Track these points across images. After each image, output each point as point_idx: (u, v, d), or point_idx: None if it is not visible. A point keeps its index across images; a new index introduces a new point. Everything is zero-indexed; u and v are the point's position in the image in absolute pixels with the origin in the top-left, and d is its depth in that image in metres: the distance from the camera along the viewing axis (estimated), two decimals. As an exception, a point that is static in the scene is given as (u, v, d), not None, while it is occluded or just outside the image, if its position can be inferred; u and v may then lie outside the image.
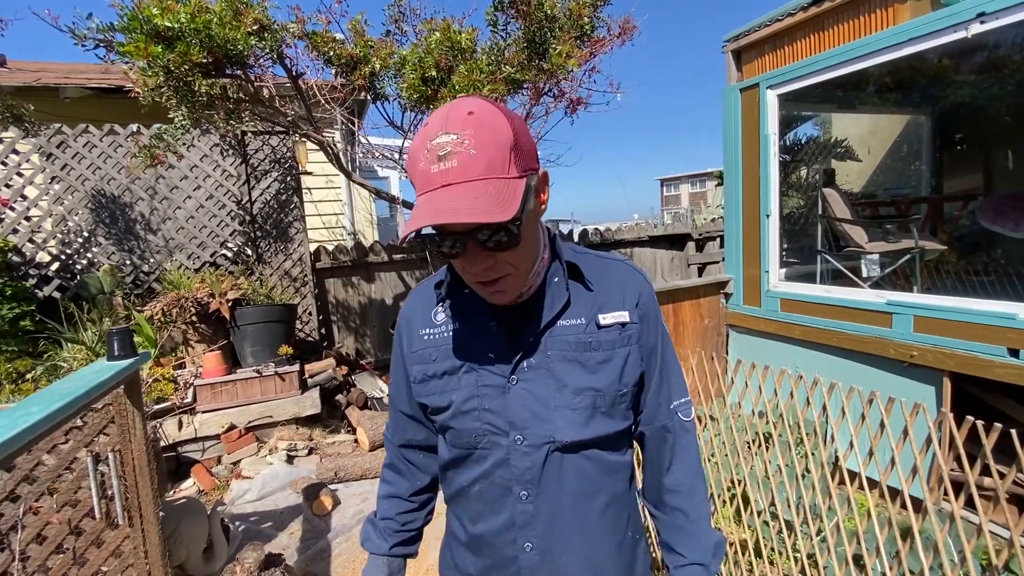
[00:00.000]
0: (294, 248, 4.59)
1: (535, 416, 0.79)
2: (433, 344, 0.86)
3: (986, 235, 4.20)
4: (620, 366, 0.82)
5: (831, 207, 3.69)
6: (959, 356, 2.50)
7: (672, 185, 49.39)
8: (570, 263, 0.83)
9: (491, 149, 0.65)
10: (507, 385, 0.80)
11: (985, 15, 2.28)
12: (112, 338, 1.93)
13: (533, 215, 0.75)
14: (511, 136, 0.67)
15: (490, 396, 0.80)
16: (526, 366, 0.80)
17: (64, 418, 1.62)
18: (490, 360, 0.81)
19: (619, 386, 0.82)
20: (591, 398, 0.80)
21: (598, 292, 0.84)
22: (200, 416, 3.50)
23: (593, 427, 0.80)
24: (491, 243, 0.68)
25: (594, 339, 0.81)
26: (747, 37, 3.47)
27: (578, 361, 0.80)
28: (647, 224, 6.87)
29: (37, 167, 3.88)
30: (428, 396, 0.86)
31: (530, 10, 3.24)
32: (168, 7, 2.58)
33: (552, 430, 0.79)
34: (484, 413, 0.81)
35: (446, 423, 0.85)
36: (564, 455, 0.81)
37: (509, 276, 0.74)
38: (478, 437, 0.82)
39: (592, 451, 0.82)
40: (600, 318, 0.82)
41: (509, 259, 0.72)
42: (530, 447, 0.80)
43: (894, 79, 4.19)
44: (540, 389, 0.80)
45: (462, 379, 0.82)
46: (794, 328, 3.22)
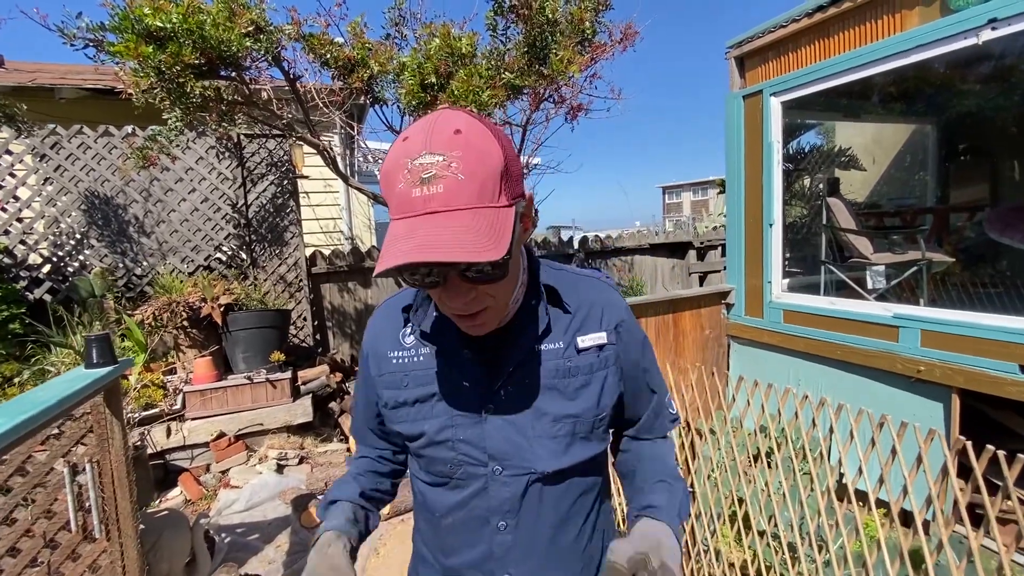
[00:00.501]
0: (290, 252, 4.53)
1: (514, 447, 0.75)
2: (402, 369, 0.81)
3: (993, 247, 4.12)
4: (598, 391, 0.79)
5: (835, 217, 3.62)
6: (968, 372, 2.42)
7: (674, 193, 49.42)
8: (548, 287, 0.79)
9: (481, 175, 0.58)
10: (483, 415, 0.76)
11: (997, 21, 2.21)
12: (90, 345, 1.86)
13: (517, 243, 0.69)
14: (502, 160, 0.60)
15: (465, 426, 0.76)
16: (503, 394, 0.76)
17: (36, 428, 1.55)
18: (464, 389, 0.76)
19: (597, 410, 0.79)
20: (570, 425, 0.77)
21: (575, 314, 0.80)
22: (189, 423, 3.43)
23: (572, 454, 0.77)
24: (474, 276, 0.62)
25: (572, 364, 0.78)
26: (750, 44, 3.42)
27: (556, 388, 0.76)
28: (648, 231, 6.81)
29: (30, 168, 3.83)
30: (400, 423, 0.81)
31: (531, 14, 3.19)
32: (160, 7, 2.53)
33: (532, 461, 0.76)
34: (459, 444, 0.76)
35: (419, 451, 0.80)
36: (544, 486, 0.77)
37: (489, 309, 0.68)
38: (453, 467, 0.77)
39: (571, 479, 0.79)
40: (578, 341, 0.78)
41: (491, 291, 0.66)
42: (509, 477, 0.76)
43: (899, 88, 4.13)
44: (518, 418, 0.75)
45: (435, 407, 0.78)
46: (797, 340, 3.14)
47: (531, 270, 0.80)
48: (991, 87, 4.11)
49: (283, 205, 4.51)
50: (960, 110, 4.56)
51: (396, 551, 2.72)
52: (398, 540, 2.81)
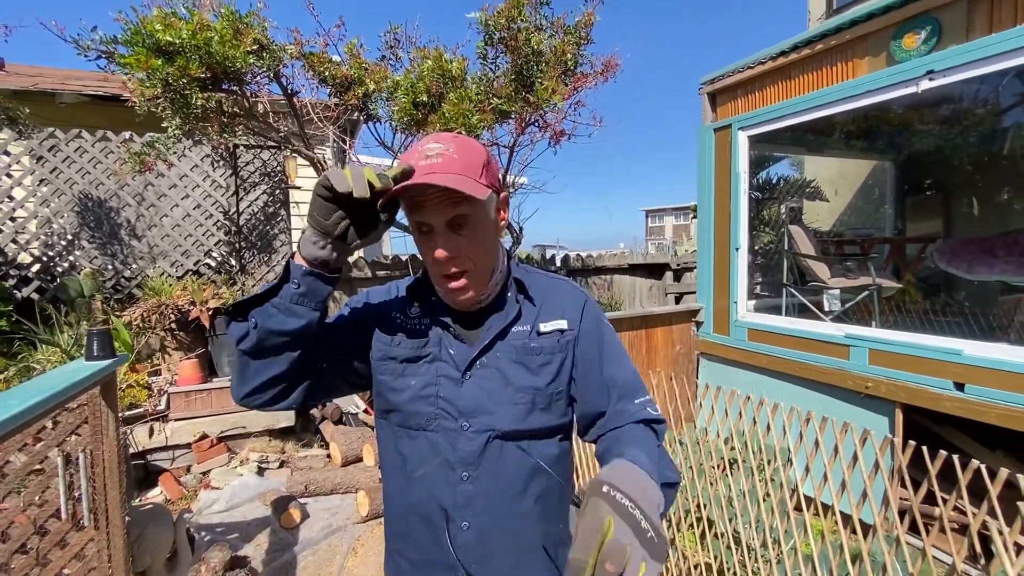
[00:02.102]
0: (278, 260, 4.63)
1: (480, 407, 0.90)
2: (403, 328, 0.96)
3: (944, 276, 4.43)
4: (556, 368, 0.94)
5: (796, 243, 3.88)
6: (910, 388, 2.64)
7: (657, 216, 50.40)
8: (517, 280, 0.97)
9: (467, 158, 0.81)
10: (462, 378, 0.91)
11: (933, 73, 2.49)
12: (91, 338, 1.96)
13: (494, 226, 0.90)
14: (485, 156, 0.85)
15: (445, 385, 0.92)
16: (479, 364, 0.92)
17: (40, 414, 1.65)
18: (450, 356, 0.93)
19: (555, 385, 0.94)
20: (531, 395, 0.92)
21: (541, 305, 0.97)
22: (172, 424, 3.48)
23: (531, 420, 0.92)
24: (465, 232, 0.83)
25: (536, 344, 0.94)
26: (721, 81, 3.70)
27: (522, 363, 0.93)
28: (629, 252, 7.05)
29: (27, 169, 3.90)
30: (383, 375, 0.95)
31: (518, 45, 3.43)
32: (171, 23, 2.69)
33: (494, 420, 0.90)
34: (439, 400, 0.91)
35: (402, 405, 0.93)
36: (504, 443, 0.91)
37: (469, 273, 0.87)
38: (429, 420, 0.92)
39: (528, 442, 0.93)
40: (540, 326, 0.95)
41: (470, 252, 0.85)
42: (474, 432, 0.90)
43: (859, 127, 4.45)
44: (489, 384, 0.91)
45: (422, 367, 0.93)
46: (760, 357, 3.35)
47: (509, 267, 0.98)
48: (941, 129, 4.46)
49: (274, 214, 4.63)
50: (916, 149, 4.92)
51: (374, 552, 2.81)
52: (376, 541, 2.89)
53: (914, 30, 2.70)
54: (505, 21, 3.12)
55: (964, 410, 2.45)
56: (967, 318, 3.90)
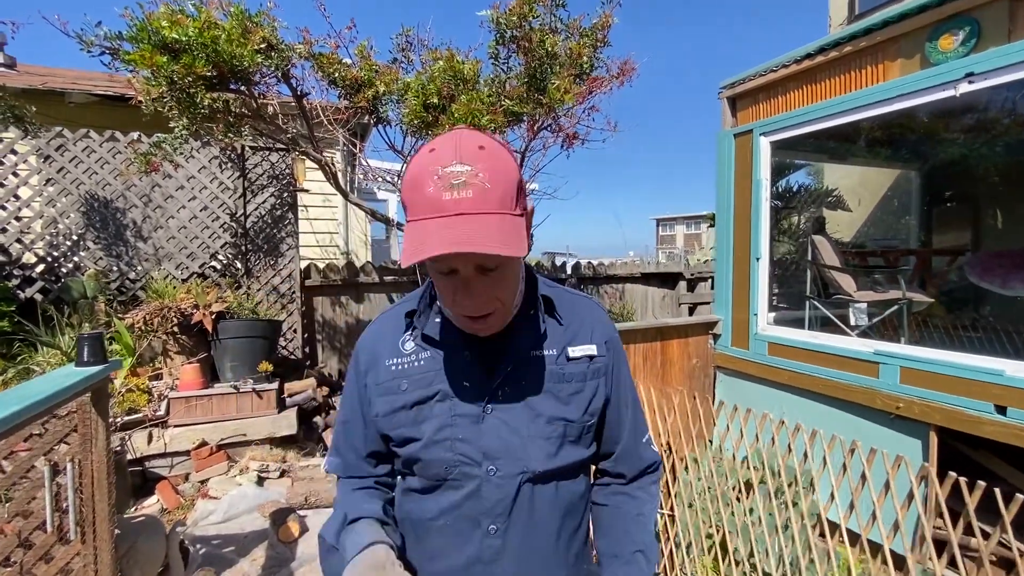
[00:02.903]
0: (284, 264, 4.56)
1: (508, 446, 0.79)
2: (402, 374, 0.84)
3: (974, 290, 4.24)
4: (589, 397, 0.84)
5: (821, 254, 3.72)
6: (946, 410, 2.47)
7: (668, 225, 50.10)
8: (545, 297, 0.86)
9: (504, 185, 0.67)
10: (482, 414, 0.80)
11: (974, 75, 2.35)
12: (82, 343, 1.87)
13: (518, 266, 0.80)
14: (517, 175, 0.71)
15: (463, 425, 0.80)
16: (501, 394, 0.80)
17: (23, 422, 1.56)
18: (464, 389, 0.80)
19: (587, 416, 0.84)
20: (562, 427, 0.81)
21: (568, 326, 0.87)
22: (171, 430, 3.40)
23: (562, 456, 0.81)
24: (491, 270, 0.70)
25: (565, 371, 0.83)
26: (742, 85, 3.57)
27: (551, 392, 0.82)
28: (640, 261, 6.91)
29: (33, 168, 3.87)
30: (397, 428, 0.83)
31: (532, 47, 3.33)
32: (177, 20, 2.63)
33: (525, 459, 0.79)
34: (457, 443, 0.79)
35: (415, 455, 0.82)
36: (535, 486, 0.80)
37: (495, 312, 0.76)
38: (449, 468, 0.80)
39: (559, 481, 0.83)
40: (569, 351, 0.85)
41: (498, 294, 0.74)
42: (503, 478, 0.79)
43: (885, 134, 4.30)
44: (514, 419, 0.80)
45: (435, 408, 0.81)
46: (781, 373, 3.20)
47: (529, 281, 0.87)
48: (973, 137, 4.29)
49: (281, 217, 4.57)
50: (943, 158, 4.74)
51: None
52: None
53: (951, 31, 2.56)
54: (517, 19, 3.03)
55: (1007, 435, 2.28)
56: (999, 335, 3.71)
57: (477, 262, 0.68)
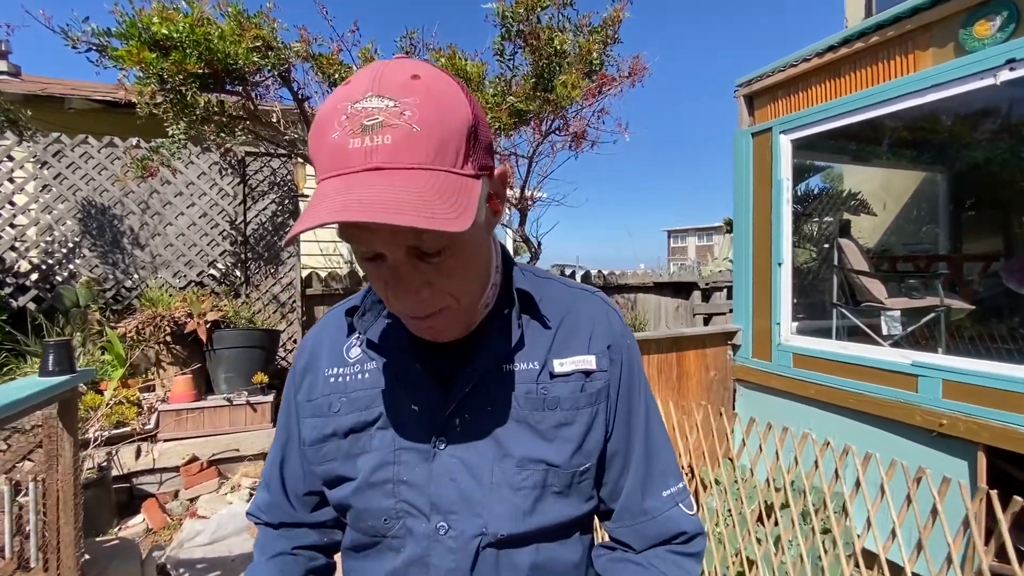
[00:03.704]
0: (285, 272, 4.43)
1: (465, 496, 0.58)
2: (340, 389, 0.63)
3: (1008, 297, 3.98)
4: (582, 432, 0.61)
5: (848, 258, 3.50)
6: (995, 428, 2.23)
7: (679, 237, 49.77)
8: (521, 291, 0.62)
9: (441, 130, 0.45)
10: (433, 449, 0.58)
11: (1015, 62, 2.15)
12: (47, 351, 1.73)
13: (485, 228, 0.55)
14: (470, 117, 0.48)
15: (409, 464, 0.59)
16: (459, 424, 0.59)
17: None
18: (412, 414, 0.59)
19: (580, 459, 0.60)
20: (541, 474, 0.58)
21: (557, 329, 0.63)
22: (161, 445, 3.24)
23: (542, 513, 0.58)
24: (436, 261, 0.49)
25: (549, 393, 0.60)
26: (760, 82, 3.39)
27: (526, 422, 0.59)
28: (652, 271, 6.71)
29: (30, 175, 3.80)
30: (326, 463, 0.63)
31: (540, 44, 3.20)
32: (168, 16, 2.53)
33: (487, 518, 0.57)
34: (400, 487, 0.58)
35: (345, 500, 0.61)
36: (502, 552, 0.58)
37: (448, 311, 0.54)
38: (389, 521, 0.59)
39: (538, 545, 0.59)
40: (555, 363, 0.61)
41: (450, 288, 0.52)
42: (455, 540, 0.57)
43: (911, 135, 4.09)
44: (474, 458, 0.58)
45: (374, 438, 0.60)
46: (808, 387, 2.97)
47: (505, 273, 0.65)
48: (1004, 137, 4.06)
49: (283, 224, 4.45)
50: (972, 160, 4.51)
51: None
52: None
53: (987, 16, 2.37)
54: (524, 11, 2.90)
55: (1068, 457, 2.04)
56: (1042, 346, 3.45)
57: (405, 242, 0.47)
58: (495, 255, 0.62)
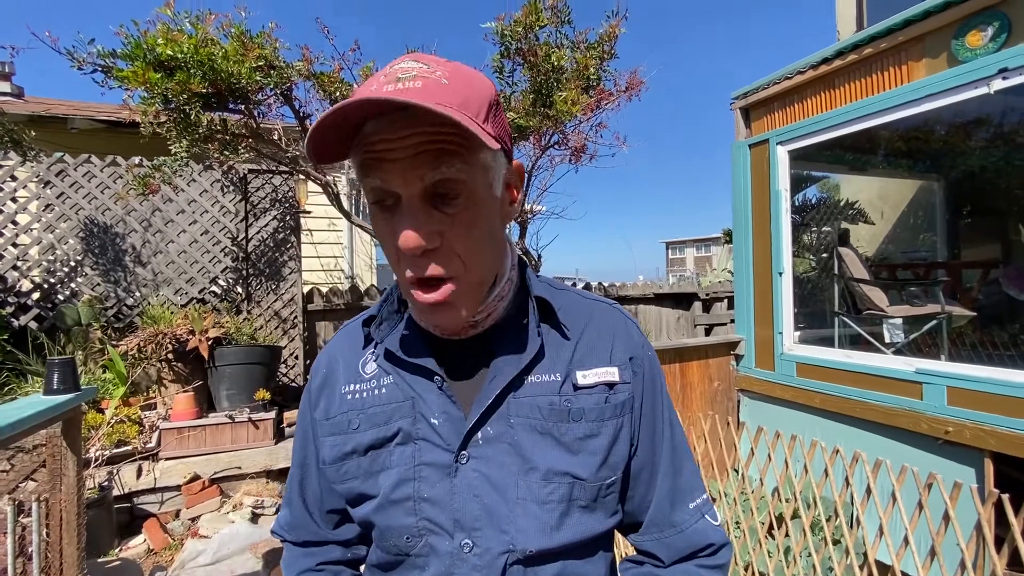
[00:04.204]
0: (287, 288, 4.44)
1: (489, 512, 0.57)
2: (357, 406, 0.63)
3: (1009, 303, 3.99)
4: (608, 444, 0.60)
5: (848, 267, 3.52)
6: (1001, 435, 2.23)
7: (677, 248, 49.91)
8: (541, 299, 0.62)
9: (467, 89, 0.50)
10: (454, 464, 0.58)
11: (1008, 71, 2.19)
12: (51, 369, 1.72)
13: (500, 207, 0.57)
14: (493, 91, 0.54)
15: (431, 480, 0.58)
16: (481, 437, 0.58)
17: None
18: (432, 428, 0.59)
19: (606, 472, 0.60)
20: (567, 488, 0.58)
21: (577, 340, 0.63)
22: (162, 463, 3.21)
23: (568, 528, 0.57)
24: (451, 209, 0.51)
25: (573, 405, 0.60)
26: (756, 95, 3.44)
27: (551, 434, 0.59)
28: (653, 282, 6.72)
29: (33, 194, 3.82)
30: (347, 482, 0.62)
31: (537, 61, 3.25)
32: (173, 37, 2.57)
33: (513, 534, 0.56)
34: (422, 504, 0.58)
35: (368, 518, 0.61)
36: (528, 569, 0.57)
37: (456, 281, 0.53)
38: (412, 539, 0.58)
39: (564, 563, 0.58)
40: (578, 375, 0.61)
41: (460, 245, 0.52)
42: (480, 558, 0.56)
43: (906, 144, 4.14)
44: (498, 472, 0.57)
45: (393, 454, 0.60)
46: (813, 396, 2.96)
47: (522, 278, 0.65)
48: (998, 145, 4.11)
49: (284, 240, 4.47)
50: (967, 168, 4.56)
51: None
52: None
53: (978, 27, 2.42)
54: (523, 30, 2.95)
55: (1076, 462, 2.04)
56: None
57: (423, 179, 0.49)
58: (509, 252, 0.63)
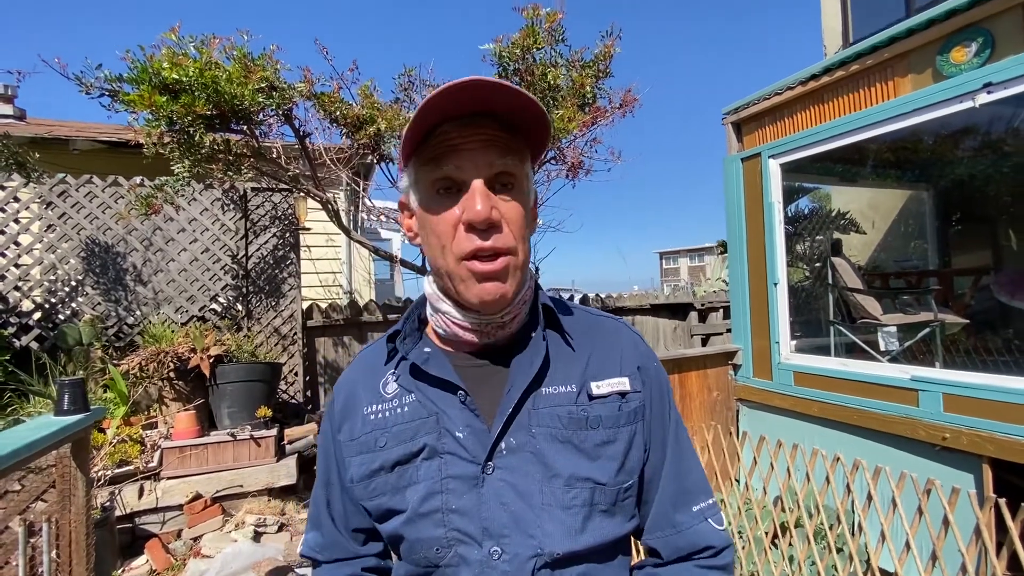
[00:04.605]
0: (286, 305, 4.46)
1: (516, 519, 0.60)
2: (380, 425, 0.66)
3: (1001, 309, 4.05)
4: (624, 450, 0.64)
5: (841, 276, 3.58)
6: (999, 440, 2.27)
7: (671, 258, 50.20)
8: (547, 307, 0.69)
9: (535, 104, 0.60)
10: (481, 475, 0.61)
11: (992, 85, 2.27)
12: (62, 390, 1.74)
13: (530, 218, 0.65)
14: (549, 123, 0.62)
15: (458, 491, 0.61)
16: (505, 448, 0.61)
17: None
18: (458, 441, 0.62)
19: (624, 476, 0.64)
20: (588, 492, 0.61)
21: (585, 352, 0.68)
22: (164, 483, 3.20)
23: (591, 532, 0.61)
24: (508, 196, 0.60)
25: (590, 414, 0.64)
26: (747, 110, 3.53)
27: (571, 442, 0.62)
28: (649, 293, 6.78)
29: (35, 215, 3.84)
30: (376, 498, 0.65)
31: (534, 80, 3.32)
32: (178, 61, 2.62)
33: (540, 538, 0.59)
34: (450, 516, 0.61)
35: (397, 531, 0.64)
36: (554, 572, 0.60)
37: (511, 257, 0.60)
38: (441, 551, 0.61)
39: (588, 566, 0.62)
40: (592, 386, 0.65)
41: (514, 226, 0.60)
42: (510, 563, 0.59)
43: (895, 155, 4.23)
44: (523, 480, 0.61)
45: (420, 468, 0.63)
46: (811, 405, 3.00)
47: (535, 290, 0.71)
48: (985, 154, 4.21)
49: (284, 257, 4.50)
50: (956, 177, 4.65)
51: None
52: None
53: (962, 43, 2.51)
54: (520, 52, 3.02)
55: (1072, 466, 2.07)
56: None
57: (492, 165, 0.58)
58: (530, 263, 0.68)
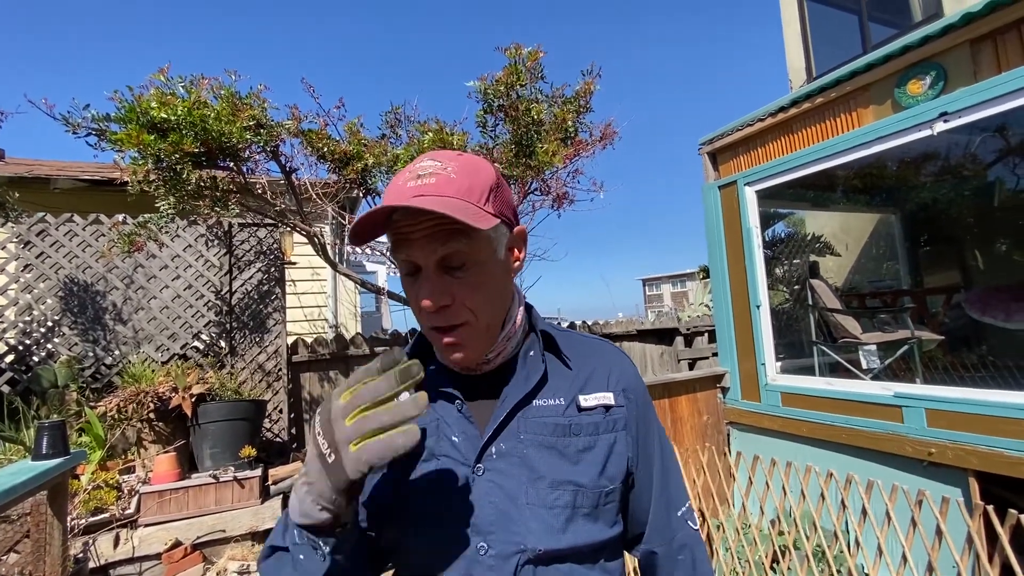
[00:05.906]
0: (271, 340, 4.39)
1: (503, 516, 0.64)
2: None
3: (974, 327, 4.19)
4: (604, 455, 0.70)
5: (820, 298, 3.68)
6: (983, 453, 2.32)
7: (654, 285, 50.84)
8: (544, 332, 0.76)
9: (470, 180, 0.64)
10: (472, 476, 0.66)
11: (948, 114, 2.42)
12: (41, 433, 1.68)
13: (503, 268, 0.69)
14: (493, 177, 0.67)
15: (451, 492, 0.67)
16: (494, 452, 0.67)
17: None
18: (453, 445, 0.68)
19: (603, 480, 0.69)
20: (571, 494, 0.66)
21: (579, 371, 0.75)
22: (142, 530, 3.06)
23: (573, 533, 0.65)
24: (460, 275, 0.64)
25: (574, 422, 0.70)
26: (721, 140, 3.68)
27: (555, 448, 0.68)
28: (635, 319, 6.84)
29: (12, 255, 3.76)
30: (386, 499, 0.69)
31: (518, 115, 3.43)
32: (166, 101, 2.66)
33: (523, 535, 0.64)
34: (444, 515, 0.66)
35: (392, 535, 0.68)
36: (538, 568, 0.64)
37: (467, 326, 0.65)
38: (433, 547, 0.66)
39: (570, 566, 0.65)
40: (581, 399, 0.72)
41: (467, 300, 0.65)
42: (496, 559, 0.63)
43: (863, 181, 4.43)
44: (509, 481, 0.66)
45: (419, 469, 0.68)
46: (800, 425, 3.03)
47: (529, 319, 0.77)
48: (946, 179, 4.43)
49: (268, 292, 4.45)
50: (920, 201, 4.88)
51: None
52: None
53: (917, 76, 2.68)
54: (504, 88, 3.13)
55: (1054, 476, 2.12)
56: (1011, 371, 3.61)
57: (435, 251, 0.62)
58: (517, 300, 0.75)
